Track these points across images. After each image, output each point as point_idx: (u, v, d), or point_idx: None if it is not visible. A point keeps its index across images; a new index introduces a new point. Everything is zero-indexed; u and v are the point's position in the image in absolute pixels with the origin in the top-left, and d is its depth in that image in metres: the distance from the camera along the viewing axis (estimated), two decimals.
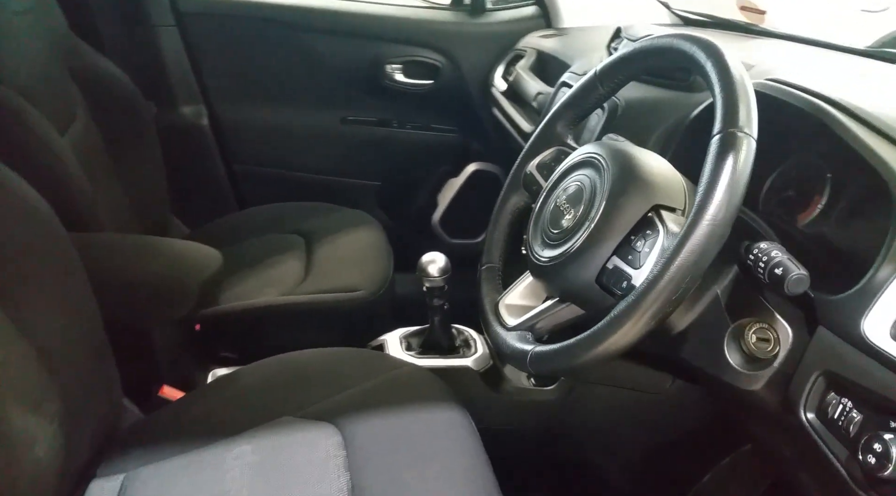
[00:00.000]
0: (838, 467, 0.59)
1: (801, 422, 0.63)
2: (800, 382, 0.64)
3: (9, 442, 0.74)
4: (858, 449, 0.56)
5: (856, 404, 0.59)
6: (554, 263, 0.73)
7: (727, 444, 1.14)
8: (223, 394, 1.04)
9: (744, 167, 0.59)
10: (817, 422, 0.62)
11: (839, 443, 0.60)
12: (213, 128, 1.80)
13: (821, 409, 0.62)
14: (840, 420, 0.59)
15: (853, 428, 0.58)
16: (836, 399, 0.61)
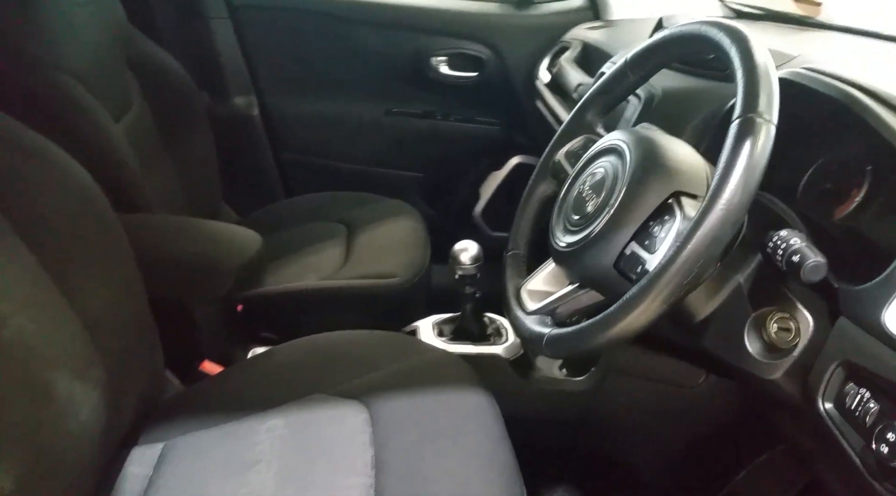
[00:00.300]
0: (853, 457, 0.58)
1: (818, 412, 0.62)
2: (819, 372, 0.63)
3: (55, 404, 0.78)
4: (873, 438, 0.55)
5: (873, 394, 0.58)
6: (573, 249, 0.74)
7: (763, 442, 1.12)
8: (259, 370, 1.07)
9: (761, 153, 0.59)
10: (835, 412, 0.61)
11: (855, 433, 0.59)
12: (264, 118, 1.85)
13: (839, 400, 0.61)
14: (857, 410, 0.59)
15: (869, 418, 0.57)
16: (854, 389, 0.60)
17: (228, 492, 0.85)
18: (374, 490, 0.82)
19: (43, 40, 1.16)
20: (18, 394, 0.73)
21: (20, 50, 1.11)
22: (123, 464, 0.94)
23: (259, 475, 0.86)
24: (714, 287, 0.72)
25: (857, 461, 0.58)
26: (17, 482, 0.68)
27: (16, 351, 0.75)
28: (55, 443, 0.77)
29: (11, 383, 0.73)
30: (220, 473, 0.88)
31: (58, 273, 0.85)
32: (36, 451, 0.73)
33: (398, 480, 0.83)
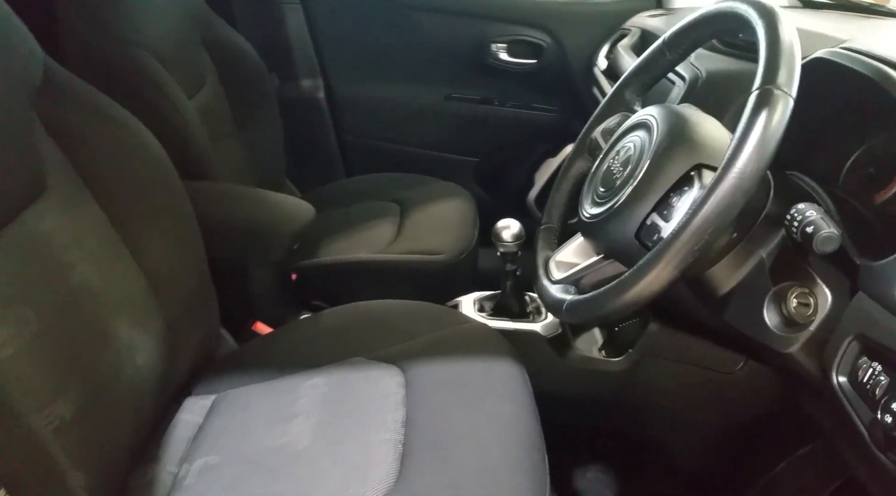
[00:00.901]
0: (861, 429, 0.58)
1: (832, 386, 0.63)
2: (834, 346, 0.63)
3: (114, 348, 0.86)
4: (879, 409, 0.56)
5: (885, 368, 0.58)
6: (597, 220, 0.76)
7: (804, 435, 1.11)
8: (306, 332, 1.14)
9: (777, 124, 0.59)
10: (847, 386, 0.62)
11: (865, 405, 0.59)
12: (328, 101, 1.92)
13: (852, 373, 0.61)
14: (868, 383, 0.59)
15: (879, 391, 0.57)
16: (866, 363, 0.60)
17: (268, 441, 0.91)
18: (403, 445, 0.86)
19: (127, 18, 1.25)
20: (80, 335, 0.81)
21: (105, 26, 1.20)
22: (177, 411, 1.02)
23: (298, 427, 0.92)
24: (738, 261, 0.73)
25: (864, 433, 0.58)
26: (75, 413, 0.76)
27: (80, 296, 0.83)
28: (112, 383, 0.85)
29: (75, 325, 0.80)
30: (262, 424, 0.94)
31: (124, 229, 0.94)
32: (94, 388, 0.81)
33: (425, 438, 0.87)
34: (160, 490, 0.89)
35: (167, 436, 0.98)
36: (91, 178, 0.90)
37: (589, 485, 1.27)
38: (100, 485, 0.78)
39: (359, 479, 0.82)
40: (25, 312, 0.73)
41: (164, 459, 0.94)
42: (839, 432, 0.71)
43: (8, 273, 0.74)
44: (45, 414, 0.71)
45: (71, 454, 0.73)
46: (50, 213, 0.82)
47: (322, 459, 0.86)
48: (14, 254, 0.75)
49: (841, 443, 0.72)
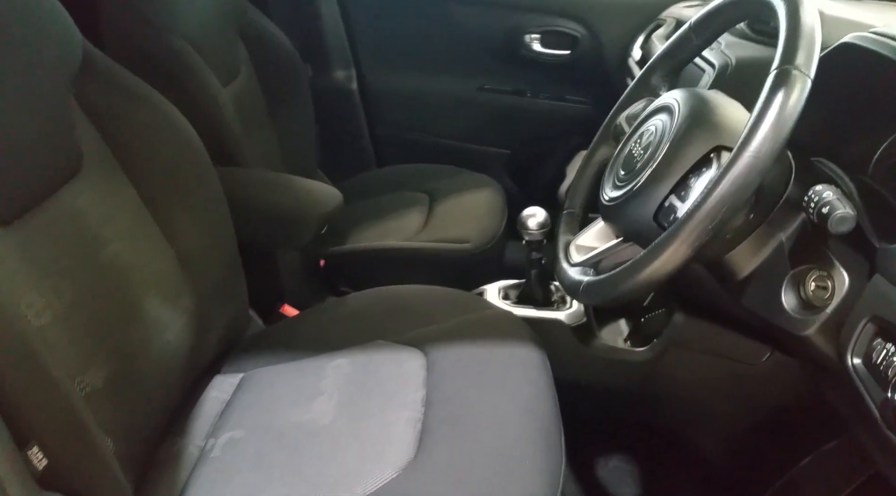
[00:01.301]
0: (873, 410, 0.58)
1: (847, 368, 0.62)
2: (850, 328, 0.62)
3: (144, 323, 0.89)
4: (889, 387, 0.55)
5: None
6: (617, 203, 0.76)
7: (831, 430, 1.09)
8: (332, 315, 1.16)
9: (794, 104, 0.59)
10: (861, 368, 0.61)
11: (878, 386, 0.58)
12: (361, 92, 1.94)
13: (867, 355, 0.61)
14: (882, 364, 0.58)
15: (891, 371, 0.57)
16: (881, 344, 0.59)
17: (292, 417, 0.93)
18: (422, 423, 0.88)
19: (164, 7, 1.28)
20: (112, 308, 0.84)
21: (144, 14, 1.24)
22: (206, 388, 1.05)
23: (321, 404, 0.94)
24: (757, 245, 0.72)
25: (875, 412, 0.57)
26: (105, 382, 0.79)
27: (113, 271, 0.86)
28: (142, 356, 0.88)
29: (106, 298, 0.84)
30: (287, 401, 0.96)
31: (156, 209, 0.97)
32: (124, 359, 0.84)
33: (444, 417, 0.88)
34: (187, 462, 0.92)
35: (196, 412, 1.01)
36: (125, 158, 0.94)
37: (610, 474, 1.27)
38: (129, 453, 0.81)
39: (378, 454, 0.83)
40: (60, 283, 0.76)
41: (191, 433, 0.97)
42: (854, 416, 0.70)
43: (45, 245, 0.77)
44: (78, 381, 0.75)
45: (101, 421, 0.75)
46: (85, 191, 0.86)
47: (343, 435, 0.87)
48: (51, 228, 0.79)
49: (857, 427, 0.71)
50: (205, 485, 0.85)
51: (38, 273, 0.74)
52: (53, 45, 0.85)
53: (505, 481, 0.78)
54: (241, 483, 0.83)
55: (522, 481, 0.79)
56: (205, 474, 0.87)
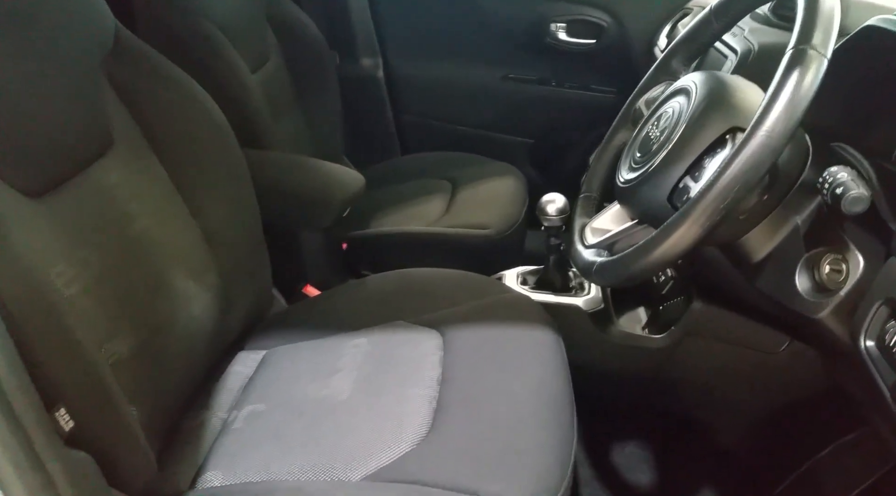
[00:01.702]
0: (884, 391, 0.58)
1: (860, 350, 0.62)
2: (864, 311, 0.62)
3: (170, 296, 0.92)
4: None
5: None
6: (631, 185, 0.76)
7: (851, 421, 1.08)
8: (352, 296, 1.18)
9: (809, 84, 0.59)
10: (874, 350, 0.61)
11: (890, 368, 0.58)
12: (387, 80, 1.96)
13: (880, 337, 0.61)
14: (894, 346, 0.58)
15: None
16: (894, 326, 0.59)
17: (311, 392, 0.95)
18: (437, 401, 0.89)
19: None
20: (139, 281, 0.87)
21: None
22: (230, 363, 1.08)
23: (339, 381, 0.96)
24: (773, 228, 0.72)
25: (886, 394, 0.57)
26: (131, 352, 0.82)
27: (140, 245, 0.89)
28: (167, 328, 0.90)
29: (134, 271, 0.87)
30: (307, 377, 0.99)
31: (184, 187, 1.00)
32: (150, 330, 0.86)
33: (459, 394, 0.89)
34: (210, 433, 0.95)
35: (219, 386, 1.03)
36: (154, 137, 0.97)
37: (625, 460, 1.27)
38: (153, 422, 0.84)
39: (394, 429, 0.85)
40: (89, 255, 0.79)
41: (215, 406, 1.00)
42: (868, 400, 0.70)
43: (75, 219, 0.80)
44: (105, 349, 0.78)
45: (127, 389, 0.78)
46: (115, 168, 0.89)
47: (360, 410, 0.89)
48: (81, 202, 0.82)
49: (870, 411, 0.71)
50: (226, 455, 0.88)
51: (69, 245, 0.77)
52: (86, 27, 0.88)
53: (516, 457, 0.80)
54: (260, 453, 0.86)
55: (533, 458, 0.80)
56: (226, 444, 0.90)
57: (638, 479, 1.24)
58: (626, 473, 1.25)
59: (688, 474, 1.24)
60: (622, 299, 1.27)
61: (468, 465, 0.79)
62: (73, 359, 0.67)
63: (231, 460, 0.86)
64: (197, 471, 0.87)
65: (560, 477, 0.78)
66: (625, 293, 1.28)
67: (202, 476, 0.85)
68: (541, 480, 0.77)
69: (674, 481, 1.24)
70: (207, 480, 0.84)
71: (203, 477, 0.85)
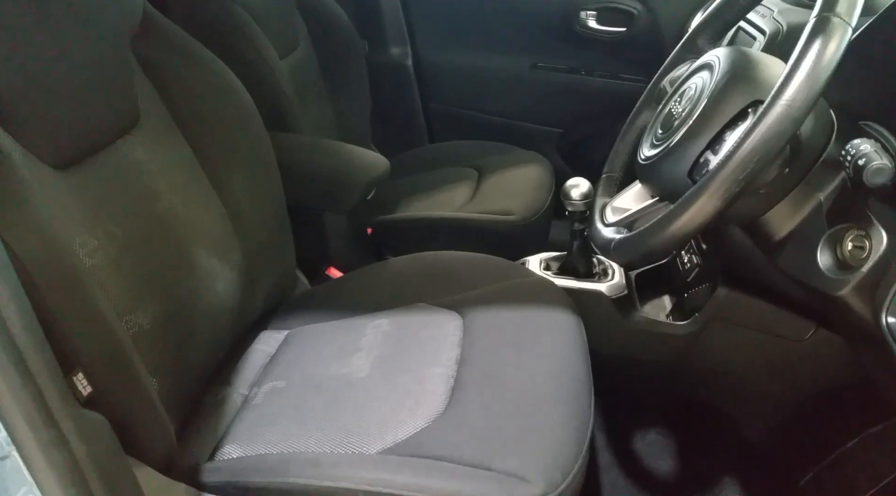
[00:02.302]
0: None
1: (882, 327, 0.60)
2: (886, 286, 0.61)
3: (194, 272, 0.94)
4: None
5: None
6: (652, 161, 0.75)
7: (877, 412, 1.05)
8: (374, 278, 1.18)
9: (832, 53, 0.57)
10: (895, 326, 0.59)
11: None
12: (416, 68, 1.96)
13: None
14: None
15: None
16: None
17: (331, 370, 0.96)
18: (455, 380, 0.90)
19: None
20: (162, 256, 0.88)
21: None
22: (253, 342, 1.10)
23: (359, 360, 0.97)
24: (795, 205, 0.71)
25: None
26: (152, 324, 0.83)
27: (165, 221, 0.91)
28: (191, 303, 0.92)
29: (158, 246, 0.88)
30: (328, 356, 1.00)
31: (209, 166, 1.01)
32: (173, 304, 0.88)
33: (476, 374, 0.89)
34: (231, 408, 0.96)
35: (242, 363, 1.05)
36: (181, 116, 0.98)
37: (647, 447, 1.26)
38: (173, 396, 0.86)
39: (411, 406, 0.85)
40: (113, 228, 0.81)
41: (237, 382, 1.01)
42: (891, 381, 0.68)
43: (100, 192, 0.82)
44: (126, 320, 0.79)
45: (148, 360, 0.80)
46: (141, 145, 0.90)
47: (379, 387, 0.90)
48: (107, 176, 0.84)
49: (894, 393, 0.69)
50: (245, 429, 0.89)
51: (93, 217, 0.79)
52: (115, 4, 0.89)
53: (531, 435, 0.79)
54: (279, 428, 0.87)
55: (549, 437, 0.79)
56: (247, 419, 0.91)
57: (659, 467, 1.23)
58: (647, 460, 1.24)
59: (710, 464, 1.22)
60: (647, 287, 1.26)
61: (483, 442, 0.79)
62: (91, 325, 0.68)
63: (250, 434, 0.88)
64: (216, 444, 0.88)
65: (575, 456, 0.78)
66: (649, 280, 1.27)
67: (221, 449, 0.87)
68: (556, 458, 0.76)
69: (695, 470, 1.22)
70: (226, 453, 0.86)
71: (222, 450, 0.86)
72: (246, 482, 0.78)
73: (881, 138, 0.74)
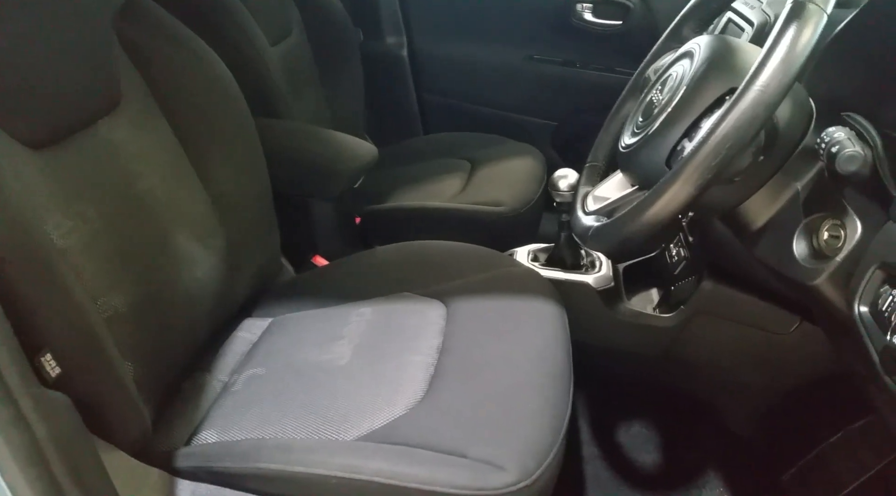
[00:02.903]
0: (873, 355, 0.56)
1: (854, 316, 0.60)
2: (859, 276, 0.60)
3: (173, 256, 0.93)
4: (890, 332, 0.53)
5: None
6: (632, 149, 0.75)
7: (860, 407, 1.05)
8: (360, 266, 1.18)
9: (807, 39, 0.56)
10: (867, 315, 0.59)
11: (881, 332, 0.56)
12: (411, 58, 1.95)
13: (873, 303, 0.58)
14: (886, 310, 0.56)
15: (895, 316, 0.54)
16: (888, 291, 0.57)
17: (312, 358, 0.95)
18: (435, 368, 0.89)
19: None
20: (140, 239, 0.88)
21: None
22: (236, 329, 1.09)
23: (341, 347, 0.96)
24: (772, 194, 0.70)
25: (875, 358, 0.55)
26: (128, 308, 0.82)
27: (144, 204, 0.90)
28: (169, 288, 0.91)
29: (136, 228, 0.87)
30: (309, 344, 0.99)
31: (192, 150, 1.00)
32: (150, 288, 0.87)
33: (456, 363, 0.89)
34: (209, 394, 0.96)
35: (223, 350, 1.05)
36: (163, 98, 0.97)
37: (631, 439, 1.25)
38: (149, 380, 0.85)
39: (390, 393, 0.85)
40: (89, 210, 0.80)
41: (216, 369, 1.01)
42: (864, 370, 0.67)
43: (77, 173, 0.81)
44: (100, 302, 0.78)
45: (122, 344, 0.79)
46: (122, 126, 0.90)
47: (358, 374, 0.90)
48: (84, 157, 0.83)
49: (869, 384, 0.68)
50: (223, 415, 0.88)
51: (67, 198, 0.78)
52: None
53: (507, 423, 0.79)
54: (257, 413, 0.86)
55: (525, 424, 0.79)
56: (224, 405, 0.91)
57: (643, 459, 1.22)
58: (631, 452, 1.23)
59: (694, 456, 1.22)
60: (634, 280, 1.25)
61: (459, 429, 0.78)
62: (60, 305, 0.67)
63: (227, 420, 0.87)
64: (193, 430, 0.88)
65: (550, 444, 0.77)
66: (638, 273, 1.26)
67: (198, 434, 0.86)
68: (531, 446, 0.76)
69: (679, 462, 1.22)
70: (202, 438, 0.85)
71: (199, 435, 0.86)
72: (218, 467, 0.78)
73: (859, 127, 0.73)
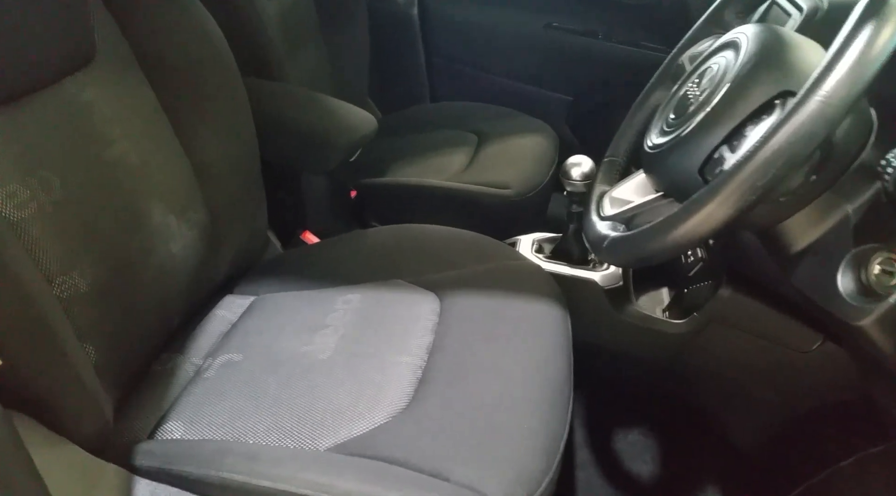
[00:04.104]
0: None
1: None
2: None
3: (146, 231, 0.85)
4: None
5: None
6: (660, 151, 0.66)
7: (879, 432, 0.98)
8: (351, 247, 1.10)
9: (884, 42, 0.47)
10: None
11: None
12: (422, 19, 1.83)
13: None
14: None
15: None
16: None
17: (292, 346, 0.88)
18: (423, 371, 0.82)
19: None
20: (108, 210, 0.79)
21: None
22: (215, 306, 1.02)
23: (324, 337, 0.89)
24: (818, 215, 0.61)
25: None
26: (91, 286, 0.75)
27: (115, 172, 0.81)
28: (139, 265, 0.83)
29: (103, 199, 0.79)
30: (291, 330, 0.92)
31: (174, 113, 0.91)
32: (117, 265, 0.79)
33: (446, 366, 0.82)
34: (180, 379, 0.89)
35: (200, 329, 0.97)
36: (145, 57, 0.88)
37: (628, 447, 1.19)
38: (112, 364, 0.78)
39: (371, 398, 0.78)
40: (50, 177, 0.72)
41: (191, 350, 0.94)
42: None
43: (38, 135, 0.72)
44: (58, 281, 0.71)
45: (82, 326, 0.72)
46: (93, 85, 0.81)
47: (339, 372, 0.83)
48: (48, 118, 0.74)
49: None
50: (191, 405, 0.82)
51: (26, 163, 0.70)
52: None
53: (497, 442, 0.72)
54: (229, 406, 0.80)
55: (516, 445, 0.72)
56: (195, 393, 0.84)
57: (638, 469, 1.16)
58: (627, 461, 1.17)
59: (692, 469, 1.16)
60: (644, 278, 1.17)
61: (443, 446, 0.71)
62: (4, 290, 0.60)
63: (195, 411, 0.80)
64: (158, 420, 0.81)
65: (544, 469, 0.70)
66: (647, 272, 1.18)
67: (163, 426, 0.79)
68: (520, 472, 0.69)
69: (676, 475, 1.16)
70: (167, 430, 0.79)
71: (163, 426, 0.79)
72: (180, 471, 0.71)
73: None
